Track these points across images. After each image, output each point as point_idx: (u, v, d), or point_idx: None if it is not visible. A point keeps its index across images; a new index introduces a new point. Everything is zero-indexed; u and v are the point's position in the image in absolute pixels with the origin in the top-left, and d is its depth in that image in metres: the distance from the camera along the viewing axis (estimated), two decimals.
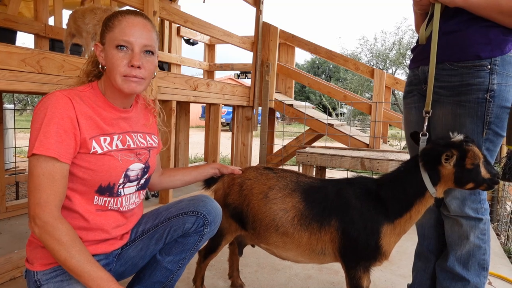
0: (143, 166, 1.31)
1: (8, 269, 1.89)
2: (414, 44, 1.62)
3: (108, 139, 1.21)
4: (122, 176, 1.24)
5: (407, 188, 1.39)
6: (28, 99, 16.20)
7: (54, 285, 1.16)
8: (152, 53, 1.24)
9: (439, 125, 1.48)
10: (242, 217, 1.58)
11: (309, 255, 1.49)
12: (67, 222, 1.10)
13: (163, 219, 1.40)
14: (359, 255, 1.42)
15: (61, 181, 1.09)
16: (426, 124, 1.43)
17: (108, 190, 1.21)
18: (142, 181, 1.34)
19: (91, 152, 1.15)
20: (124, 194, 1.28)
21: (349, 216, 1.42)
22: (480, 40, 1.35)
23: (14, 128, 3.57)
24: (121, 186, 1.25)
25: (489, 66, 1.34)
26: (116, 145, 1.23)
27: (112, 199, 1.24)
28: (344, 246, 1.43)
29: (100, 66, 1.26)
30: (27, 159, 1.11)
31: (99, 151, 1.17)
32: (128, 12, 1.23)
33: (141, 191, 1.37)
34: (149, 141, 1.37)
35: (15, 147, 3.68)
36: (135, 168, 1.28)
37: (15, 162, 4.08)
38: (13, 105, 4.32)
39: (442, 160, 1.31)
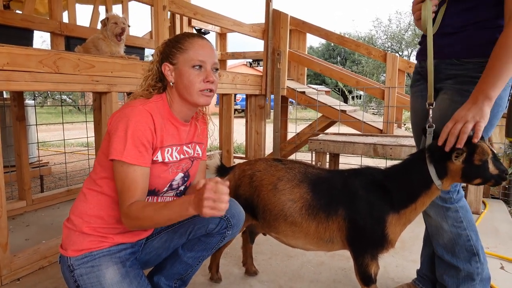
0: (183, 175, 1.42)
1: (36, 259, 2.01)
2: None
3: (170, 150, 1.34)
4: (167, 186, 1.37)
5: (413, 180, 1.42)
6: (48, 92, 16.70)
7: (86, 270, 1.27)
8: (217, 70, 1.37)
9: (436, 109, 1.50)
10: (253, 207, 1.63)
11: (317, 243, 1.54)
12: (137, 203, 1.21)
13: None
14: (366, 243, 1.47)
15: (146, 180, 1.24)
16: (431, 115, 1.44)
17: (151, 194, 1.34)
18: (182, 188, 1.45)
19: (153, 160, 1.28)
20: (162, 196, 1.40)
21: (356, 206, 1.46)
22: (488, 40, 1.37)
23: (36, 124, 3.72)
24: (163, 194, 1.39)
25: None
26: (175, 157, 1.36)
27: (150, 197, 1.36)
28: (351, 234, 1.47)
29: (162, 82, 1.38)
30: (51, 152, 1.22)
31: (160, 160, 1.30)
32: (191, 35, 1.37)
33: (178, 196, 1.48)
34: (197, 151, 1.49)
35: (37, 142, 3.84)
36: (178, 178, 1.40)
37: (38, 156, 4.26)
38: (33, 101, 4.47)
39: (452, 157, 1.32)
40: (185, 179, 1.42)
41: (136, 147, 1.20)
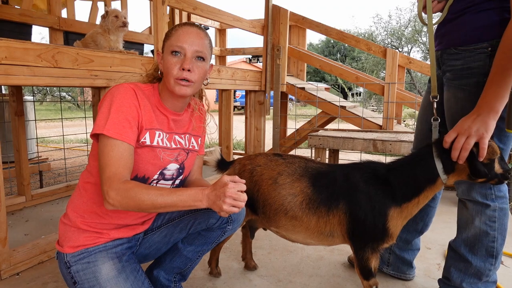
0: (178, 166, 1.38)
1: (36, 253, 2.01)
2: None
3: (161, 134, 1.31)
4: (158, 173, 1.32)
5: (419, 175, 1.41)
6: (47, 89, 16.64)
7: (82, 266, 1.26)
8: (203, 59, 1.30)
9: (446, 109, 1.49)
10: (253, 202, 1.63)
11: (318, 237, 1.54)
12: (137, 183, 1.16)
13: (190, 210, 1.46)
14: (367, 237, 1.46)
15: (129, 158, 1.18)
16: (435, 108, 1.44)
17: (142, 182, 1.28)
18: (177, 182, 1.41)
19: (140, 141, 1.24)
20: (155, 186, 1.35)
21: (357, 199, 1.46)
22: (483, 23, 1.32)
23: (35, 120, 3.71)
24: (154, 182, 1.33)
25: (489, 48, 1.32)
26: (165, 143, 1.32)
27: None
28: (352, 228, 1.47)
29: (159, 71, 1.36)
30: (50, 148, 1.19)
31: (148, 142, 1.26)
32: (185, 23, 1.34)
33: None
34: (192, 143, 1.45)
35: (36, 138, 3.83)
36: (172, 168, 1.36)
37: (38, 152, 4.25)
38: (32, 97, 4.46)
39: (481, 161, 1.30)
40: (180, 171, 1.39)
41: (120, 122, 1.17)
